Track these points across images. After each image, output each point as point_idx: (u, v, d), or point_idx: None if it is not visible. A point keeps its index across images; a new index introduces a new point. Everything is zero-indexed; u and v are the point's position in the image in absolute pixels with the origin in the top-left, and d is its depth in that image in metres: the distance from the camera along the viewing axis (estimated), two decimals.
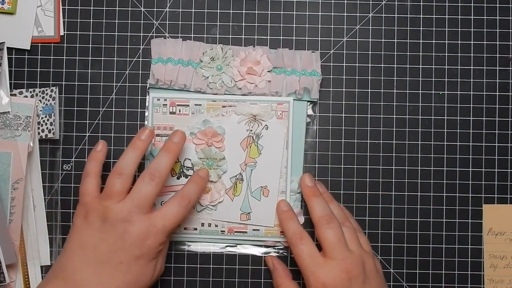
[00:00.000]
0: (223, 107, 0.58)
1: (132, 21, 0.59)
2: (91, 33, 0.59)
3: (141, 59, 0.59)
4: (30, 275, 0.57)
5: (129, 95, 0.59)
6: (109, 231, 0.50)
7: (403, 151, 0.58)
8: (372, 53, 0.59)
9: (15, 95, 0.57)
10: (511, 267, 0.58)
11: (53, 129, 0.57)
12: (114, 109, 0.58)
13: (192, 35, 0.59)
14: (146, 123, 0.58)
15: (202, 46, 0.58)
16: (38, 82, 0.59)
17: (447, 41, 0.59)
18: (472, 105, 0.59)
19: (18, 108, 0.57)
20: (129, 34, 0.59)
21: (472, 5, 0.59)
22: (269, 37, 0.59)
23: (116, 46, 0.59)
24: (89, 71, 0.59)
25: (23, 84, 0.58)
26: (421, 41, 0.59)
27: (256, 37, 0.59)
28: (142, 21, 0.59)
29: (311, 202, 0.54)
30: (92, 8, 0.59)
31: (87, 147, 0.58)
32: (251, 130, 0.58)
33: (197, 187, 0.54)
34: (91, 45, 0.59)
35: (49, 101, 0.57)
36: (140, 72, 0.59)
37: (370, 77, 0.59)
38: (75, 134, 0.58)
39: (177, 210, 0.52)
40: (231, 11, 0.59)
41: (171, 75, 0.57)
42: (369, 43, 0.59)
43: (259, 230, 0.58)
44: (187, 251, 0.58)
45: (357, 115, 0.59)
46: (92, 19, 0.59)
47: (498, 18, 0.59)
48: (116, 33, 0.59)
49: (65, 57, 0.59)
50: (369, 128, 0.58)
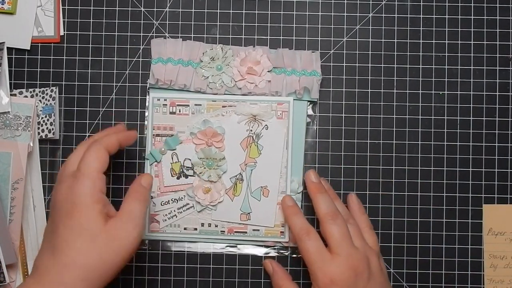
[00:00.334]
0: (223, 107, 0.58)
1: (132, 21, 0.59)
2: (91, 33, 0.59)
3: (141, 59, 0.59)
4: None
5: (129, 95, 0.59)
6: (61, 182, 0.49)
7: (403, 151, 0.58)
8: (372, 53, 0.59)
9: (15, 95, 0.57)
10: (511, 267, 0.58)
11: (53, 129, 0.57)
12: (114, 109, 0.58)
13: (192, 35, 0.59)
14: (146, 123, 0.58)
15: (202, 46, 0.58)
16: (38, 82, 0.59)
17: (447, 41, 0.59)
18: (472, 105, 0.59)
19: (18, 108, 0.57)
20: (129, 34, 0.59)
21: (472, 5, 0.59)
22: (269, 37, 0.59)
23: (116, 46, 0.59)
24: (89, 71, 0.59)
25: (23, 84, 0.58)
26: (421, 41, 0.59)
27: (256, 37, 0.59)
28: (142, 21, 0.59)
29: (316, 199, 0.53)
30: (92, 8, 0.59)
31: None
32: (251, 130, 0.58)
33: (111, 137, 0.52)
34: (91, 45, 0.59)
35: (49, 101, 0.57)
36: (140, 72, 0.59)
37: (370, 77, 0.59)
38: (75, 134, 0.58)
39: (94, 151, 0.49)
40: (231, 11, 0.59)
41: (171, 75, 0.57)
42: (369, 43, 0.59)
43: (259, 230, 0.57)
44: (187, 251, 0.58)
45: (357, 115, 0.59)
46: (92, 19, 0.59)
47: (498, 18, 0.59)
48: (116, 33, 0.59)
49: (65, 57, 0.59)
50: (369, 128, 0.58)
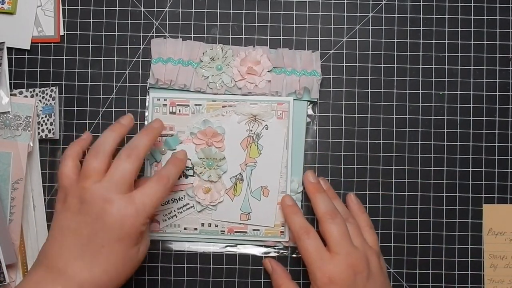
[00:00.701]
0: (223, 107, 0.58)
1: (132, 21, 0.59)
2: (91, 33, 0.59)
3: (141, 59, 0.59)
4: None
5: (129, 95, 0.59)
6: (87, 212, 0.47)
7: (403, 151, 0.58)
8: (372, 53, 0.59)
9: (15, 95, 0.57)
10: (511, 267, 0.58)
11: (53, 129, 0.57)
12: (114, 109, 0.58)
13: (192, 35, 0.59)
14: (146, 123, 0.58)
15: (202, 46, 0.58)
16: (38, 82, 0.59)
17: (447, 41, 0.59)
18: (472, 105, 0.59)
19: (18, 108, 0.57)
20: (129, 34, 0.59)
21: (472, 5, 0.59)
22: (269, 37, 0.59)
23: (116, 46, 0.59)
24: (89, 71, 0.59)
25: (23, 84, 0.58)
26: (421, 41, 0.59)
27: (256, 37, 0.59)
28: (142, 21, 0.59)
29: (315, 198, 0.54)
30: (92, 8, 0.59)
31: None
32: (251, 130, 0.58)
33: (175, 168, 0.52)
34: (91, 45, 0.59)
35: (49, 101, 0.57)
36: (140, 72, 0.59)
37: (370, 77, 0.59)
38: (75, 134, 0.58)
39: (156, 189, 0.49)
40: (231, 11, 0.59)
41: (171, 75, 0.57)
42: (369, 43, 0.59)
43: (259, 230, 0.57)
44: (187, 251, 0.58)
45: (357, 115, 0.59)
46: (92, 19, 0.59)
47: (498, 18, 0.59)
48: (116, 33, 0.59)
49: (65, 57, 0.59)
50: (369, 128, 0.58)
